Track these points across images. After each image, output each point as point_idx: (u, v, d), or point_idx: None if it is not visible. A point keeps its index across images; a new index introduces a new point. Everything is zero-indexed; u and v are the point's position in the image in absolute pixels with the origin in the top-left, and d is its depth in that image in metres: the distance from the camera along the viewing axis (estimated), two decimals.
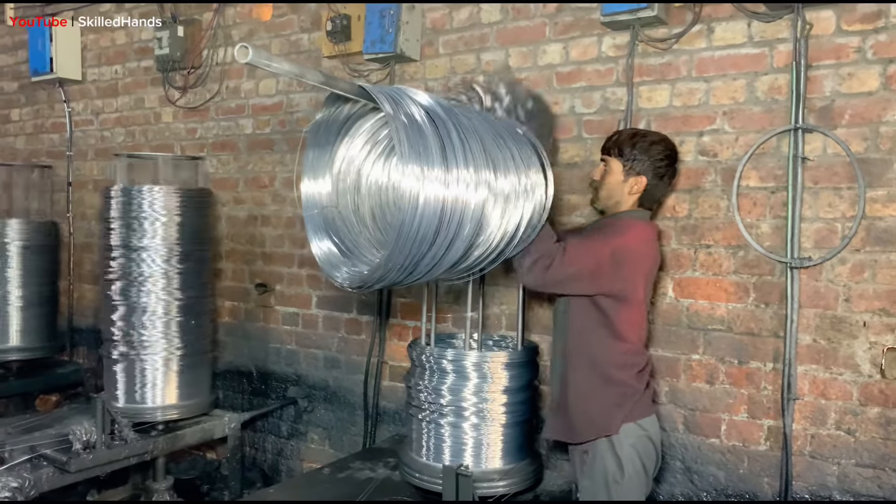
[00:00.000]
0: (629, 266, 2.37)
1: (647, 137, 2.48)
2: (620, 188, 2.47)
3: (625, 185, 2.46)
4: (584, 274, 2.32)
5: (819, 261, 2.66)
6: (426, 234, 1.86)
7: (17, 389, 4.48)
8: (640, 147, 2.45)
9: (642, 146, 2.45)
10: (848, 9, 2.61)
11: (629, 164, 2.45)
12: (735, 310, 2.84)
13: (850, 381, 2.63)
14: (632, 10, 2.88)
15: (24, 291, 4.41)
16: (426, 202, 1.82)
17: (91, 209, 5.05)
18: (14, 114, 5.60)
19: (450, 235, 1.92)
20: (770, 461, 2.77)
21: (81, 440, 3.07)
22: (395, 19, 3.46)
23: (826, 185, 2.67)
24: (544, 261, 2.28)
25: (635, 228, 2.44)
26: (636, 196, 2.48)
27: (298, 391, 4.12)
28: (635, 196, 2.48)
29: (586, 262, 2.32)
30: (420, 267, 1.95)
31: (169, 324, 3.50)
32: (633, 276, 2.38)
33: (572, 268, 2.30)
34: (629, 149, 2.45)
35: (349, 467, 3.06)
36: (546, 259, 2.29)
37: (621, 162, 2.46)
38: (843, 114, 2.64)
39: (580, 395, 2.44)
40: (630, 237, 2.40)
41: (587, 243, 2.39)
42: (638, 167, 2.45)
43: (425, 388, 2.63)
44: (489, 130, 2.14)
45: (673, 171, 2.52)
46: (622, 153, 2.46)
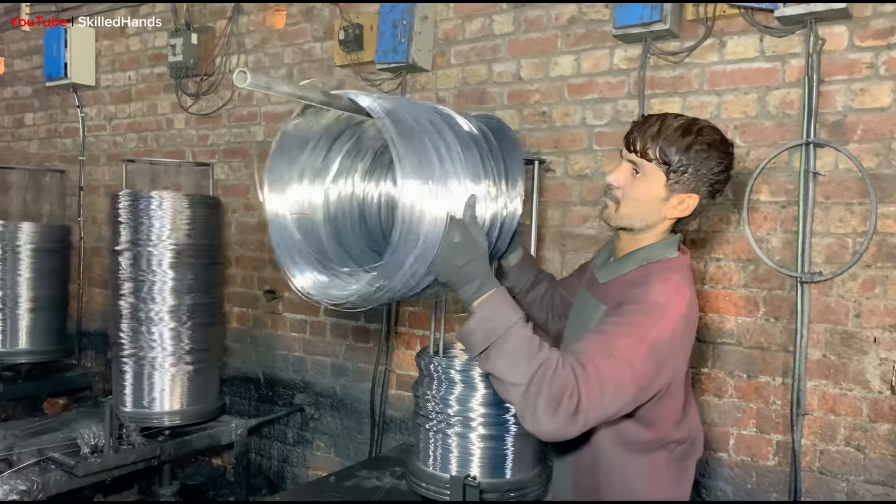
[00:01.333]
0: (672, 358, 1.64)
1: (703, 137, 1.66)
2: (657, 207, 1.70)
3: (665, 203, 1.70)
4: (628, 401, 1.55)
5: (830, 276, 2.66)
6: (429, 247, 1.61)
7: (25, 392, 4.50)
8: (697, 154, 1.65)
9: (699, 153, 1.65)
10: (861, 24, 2.62)
11: (677, 175, 1.66)
12: (745, 324, 2.83)
13: (860, 397, 2.62)
14: (644, 24, 2.89)
15: (34, 294, 4.42)
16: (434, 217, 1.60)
17: (102, 214, 5.08)
18: (28, 118, 5.65)
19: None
20: (779, 476, 2.75)
21: (89, 444, 3.08)
22: (408, 29, 3.48)
23: (837, 200, 2.67)
24: (550, 405, 1.44)
25: (675, 297, 1.63)
26: (676, 218, 1.73)
27: (305, 398, 4.12)
28: (673, 218, 1.73)
29: (621, 385, 1.52)
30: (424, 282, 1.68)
31: (177, 329, 3.50)
32: (676, 365, 1.70)
33: (606, 399, 1.49)
34: (680, 155, 1.65)
35: (355, 476, 3.06)
36: (564, 397, 1.44)
37: (664, 171, 1.67)
38: (856, 129, 2.63)
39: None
40: (670, 318, 1.60)
41: (613, 350, 1.53)
42: (691, 183, 1.67)
43: (433, 398, 2.63)
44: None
45: (728, 180, 1.74)
46: (667, 159, 1.65)
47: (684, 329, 1.65)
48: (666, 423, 1.74)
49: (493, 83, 3.45)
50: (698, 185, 1.68)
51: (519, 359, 1.48)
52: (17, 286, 4.37)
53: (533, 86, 3.32)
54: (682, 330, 1.64)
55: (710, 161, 1.66)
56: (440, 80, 3.62)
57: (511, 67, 3.39)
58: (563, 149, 3.25)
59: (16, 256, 4.37)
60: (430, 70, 3.63)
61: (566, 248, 3.24)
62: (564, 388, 1.45)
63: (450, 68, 3.59)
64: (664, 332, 1.58)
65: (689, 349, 1.75)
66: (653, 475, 1.76)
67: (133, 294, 3.48)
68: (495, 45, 3.44)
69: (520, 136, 3.34)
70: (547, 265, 3.27)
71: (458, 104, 3.54)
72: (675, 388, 1.72)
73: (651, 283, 1.64)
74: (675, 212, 1.71)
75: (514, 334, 1.50)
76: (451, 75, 3.59)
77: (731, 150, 1.72)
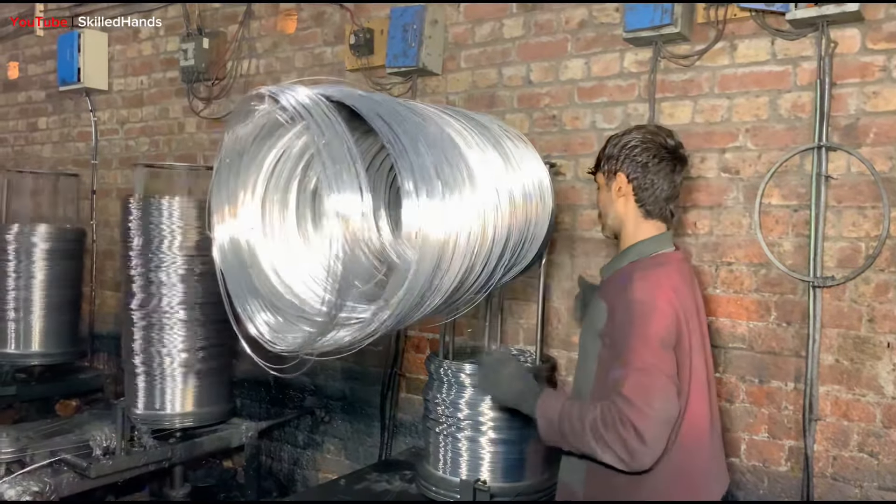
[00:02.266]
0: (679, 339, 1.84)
1: (618, 135, 2.03)
2: (609, 200, 2.01)
3: (609, 194, 2.01)
4: (674, 407, 1.76)
5: (842, 280, 2.64)
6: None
7: (38, 394, 4.53)
8: (610, 146, 2.01)
9: (612, 144, 2.00)
10: (873, 27, 2.60)
11: (606, 168, 2.01)
12: (756, 328, 2.82)
13: (874, 402, 2.60)
14: (654, 27, 2.88)
15: (47, 296, 4.46)
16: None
17: (114, 217, 5.11)
18: (42, 122, 5.70)
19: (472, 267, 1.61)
20: (791, 482, 2.74)
21: (101, 446, 3.10)
22: (418, 33, 3.49)
23: (850, 204, 2.65)
24: (616, 445, 1.70)
25: (657, 291, 1.82)
26: (629, 201, 1.97)
27: (315, 401, 4.13)
28: (627, 201, 1.97)
29: (666, 393, 1.74)
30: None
31: (188, 332, 3.52)
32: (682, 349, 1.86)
33: (659, 420, 1.71)
34: (602, 156, 2.04)
35: (365, 479, 3.06)
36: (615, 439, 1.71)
37: (601, 172, 2.04)
38: (868, 132, 2.62)
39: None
40: (661, 308, 1.80)
41: (638, 366, 1.75)
42: (613, 165, 1.98)
43: (443, 402, 2.63)
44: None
45: (661, 157, 1.94)
46: (598, 164, 2.05)
47: (672, 300, 1.83)
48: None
49: (503, 87, 3.45)
50: (620, 165, 1.95)
51: (581, 433, 1.78)
52: (30, 288, 4.41)
53: (543, 89, 3.32)
54: (671, 304, 1.82)
55: (622, 142, 1.96)
56: (450, 83, 3.62)
57: (521, 71, 3.39)
58: (573, 152, 3.24)
59: (30, 259, 4.40)
60: (441, 74, 3.64)
61: (576, 252, 3.23)
62: (616, 425, 1.71)
63: (460, 72, 3.59)
64: (661, 321, 1.79)
65: (694, 328, 1.90)
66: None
67: (145, 298, 3.50)
68: (505, 48, 3.44)
69: (530, 139, 3.33)
70: (557, 269, 3.27)
71: (467, 108, 3.54)
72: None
73: (633, 283, 1.85)
74: (619, 198, 1.98)
75: (565, 420, 1.82)
76: (461, 79, 3.59)
77: (650, 131, 1.98)
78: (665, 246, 1.98)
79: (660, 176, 1.95)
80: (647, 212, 1.97)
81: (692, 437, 1.87)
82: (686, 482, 1.89)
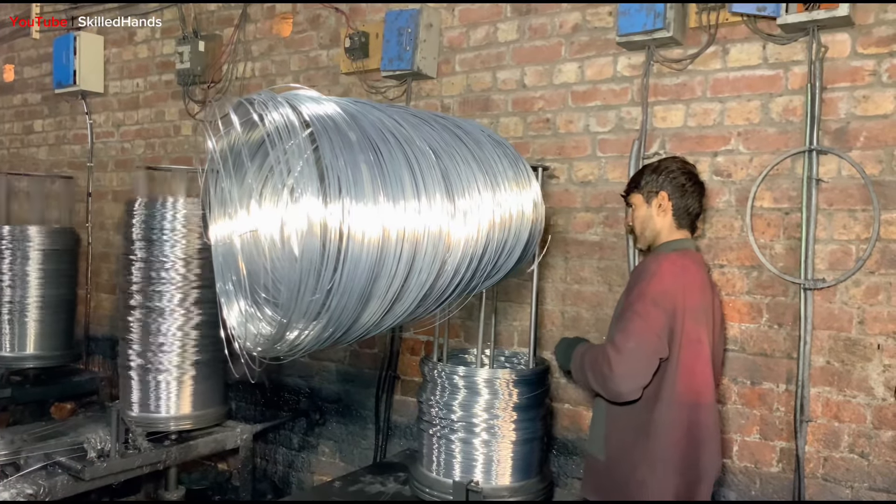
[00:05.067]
0: (679, 304, 2.25)
1: (655, 162, 2.50)
2: (649, 215, 2.44)
3: (650, 210, 2.44)
4: (650, 349, 2.21)
5: (833, 282, 2.66)
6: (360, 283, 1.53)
7: (33, 397, 4.51)
8: (651, 169, 2.46)
9: (652, 168, 2.46)
10: (863, 32, 2.62)
11: (646, 188, 2.44)
12: (748, 330, 2.84)
13: (864, 403, 2.62)
14: (647, 31, 2.90)
15: (42, 297, 4.45)
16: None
17: (110, 219, 5.12)
18: (37, 125, 5.70)
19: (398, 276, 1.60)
20: (782, 483, 2.75)
21: (96, 448, 3.10)
22: (413, 37, 3.51)
23: (841, 207, 2.67)
24: (598, 375, 2.26)
25: (665, 261, 2.33)
26: (667, 216, 2.42)
27: (310, 403, 4.14)
28: (666, 216, 2.42)
29: (642, 337, 2.21)
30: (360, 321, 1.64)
31: (184, 335, 3.53)
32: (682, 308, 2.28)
33: (632, 357, 2.20)
34: (641, 178, 2.46)
35: (360, 481, 3.07)
36: (598, 370, 2.26)
37: (640, 193, 2.46)
38: (859, 136, 2.64)
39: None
40: (663, 273, 2.28)
41: (627, 315, 2.26)
42: (655, 186, 2.42)
43: (437, 404, 2.64)
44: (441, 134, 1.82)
45: (694, 181, 2.44)
46: (638, 185, 2.46)
47: (677, 273, 2.28)
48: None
49: (497, 90, 3.47)
50: (662, 185, 2.41)
51: (582, 367, 2.37)
52: (25, 288, 4.40)
53: (537, 93, 3.34)
54: (674, 276, 2.27)
55: (663, 166, 2.43)
56: (445, 87, 3.64)
57: (515, 75, 3.41)
58: (566, 155, 3.26)
59: (25, 260, 4.40)
60: (435, 77, 3.66)
61: (570, 255, 3.25)
62: (597, 358, 2.27)
63: (454, 76, 3.61)
64: (658, 284, 2.25)
65: (690, 314, 2.25)
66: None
67: (140, 300, 3.51)
68: (500, 52, 3.46)
69: (524, 142, 3.36)
70: (551, 271, 3.29)
71: (462, 111, 3.57)
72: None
73: (648, 260, 2.41)
74: (660, 212, 2.42)
75: (577, 359, 2.42)
76: (455, 83, 3.61)
77: (684, 161, 2.49)
78: (688, 247, 2.44)
79: (693, 197, 2.43)
80: (679, 224, 2.44)
81: (692, 396, 2.25)
82: (690, 440, 2.25)
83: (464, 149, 1.82)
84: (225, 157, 1.80)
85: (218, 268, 1.89)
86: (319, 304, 1.51)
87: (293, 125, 1.51)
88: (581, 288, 3.23)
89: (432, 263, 1.64)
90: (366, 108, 1.70)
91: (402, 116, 1.76)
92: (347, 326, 1.60)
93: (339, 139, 1.52)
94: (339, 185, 1.48)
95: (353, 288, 1.52)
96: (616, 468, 2.36)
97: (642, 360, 2.20)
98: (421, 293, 1.65)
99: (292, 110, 1.54)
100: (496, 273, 1.93)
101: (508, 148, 2.03)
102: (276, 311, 1.72)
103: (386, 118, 1.70)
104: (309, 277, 1.47)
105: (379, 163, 1.57)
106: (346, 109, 1.63)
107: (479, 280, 1.86)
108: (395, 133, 1.66)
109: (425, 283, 1.64)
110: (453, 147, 1.80)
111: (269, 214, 1.81)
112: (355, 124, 1.59)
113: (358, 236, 1.50)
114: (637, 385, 2.22)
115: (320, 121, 1.53)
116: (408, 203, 1.59)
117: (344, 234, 1.48)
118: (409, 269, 1.60)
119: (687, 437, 2.25)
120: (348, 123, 1.58)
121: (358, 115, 1.64)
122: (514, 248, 1.90)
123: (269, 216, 1.81)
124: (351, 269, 1.50)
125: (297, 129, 1.51)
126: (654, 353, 2.21)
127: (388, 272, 1.57)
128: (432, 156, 1.70)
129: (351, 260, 1.49)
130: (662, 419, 2.25)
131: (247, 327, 1.76)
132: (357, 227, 1.50)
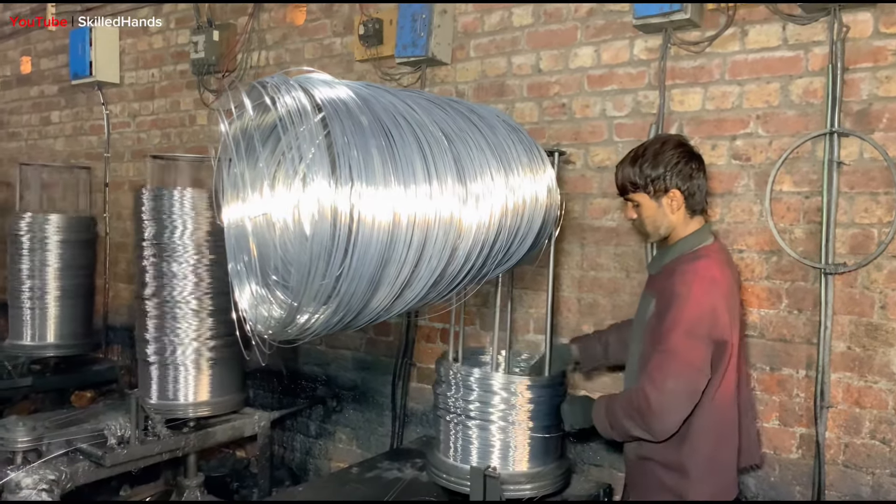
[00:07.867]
0: (720, 325, 2.13)
1: (647, 152, 2.26)
2: (661, 214, 2.27)
3: (661, 209, 2.26)
4: (691, 388, 2.10)
5: (854, 267, 2.62)
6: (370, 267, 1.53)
7: (53, 385, 4.58)
8: (649, 167, 2.23)
9: (651, 165, 2.23)
10: (886, 10, 2.57)
11: (651, 188, 2.24)
12: (767, 316, 2.81)
13: (886, 389, 2.58)
14: (664, 13, 2.86)
15: (61, 286, 4.50)
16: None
17: (127, 209, 5.15)
18: (54, 116, 5.74)
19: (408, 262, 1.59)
20: (802, 470, 2.73)
21: (116, 435, 3.13)
22: (427, 23, 3.49)
23: (862, 190, 2.63)
24: (637, 419, 2.13)
25: (695, 281, 2.14)
26: (681, 209, 2.26)
27: (327, 391, 4.16)
28: (680, 210, 2.26)
29: (682, 377, 2.09)
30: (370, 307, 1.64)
31: (201, 323, 3.55)
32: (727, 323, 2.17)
33: (673, 396, 2.08)
34: (640, 177, 2.25)
35: (377, 467, 3.08)
36: (637, 414, 2.13)
37: (644, 192, 2.26)
38: (881, 118, 2.59)
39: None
40: (696, 298, 2.11)
41: (662, 349, 2.11)
42: (662, 185, 2.23)
43: (452, 397, 2.63)
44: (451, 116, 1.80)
45: (697, 162, 2.27)
46: (637, 185, 2.26)
47: (713, 294, 2.12)
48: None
49: (512, 76, 3.44)
50: (669, 182, 2.22)
51: (617, 417, 2.24)
52: (45, 277, 4.46)
53: (552, 78, 3.31)
54: (706, 294, 2.11)
55: (662, 161, 2.22)
56: (459, 73, 3.62)
57: (530, 60, 3.38)
58: (583, 140, 3.24)
59: (44, 248, 4.45)
60: (450, 63, 3.63)
61: (586, 241, 3.23)
62: (635, 397, 2.14)
63: (469, 61, 3.59)
64: (693, 311, 2.09)
65: (734, 310, 2.19)
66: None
67: (157, 288, 3.53)
68: (514, 37, 3.43)
69: (539, 128, 3.34)
70: (567, 258, 3.27)
71: (477, 97, 3.54)
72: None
73: (675, 277, 2.17)
74: (674, 209, 2.25)
75: (606, 415, 2.28)
76: (470, 68, 3.58)
77: (676, 141, 2.27)
78: (705, 239, 2.29)
79: (699, 177, 2.27)
80: (693, 211, 2.28)
81: (721, 418, 2.20)
82: (719, 439, 2.21)
83: (477, 133, 1.81)
84: (237, 140, 1.80)
85: (230, 249, 1.91)
86: (330, 287, 1.51)
87: (305, 109, 1.51)
88: (598, 274, 3.20)
89: (443, 249, 1.64)
90: (378, 92, 1.70)
91: (415, 101, 1.75)
92: (357, 311, 1.61)
93: (351, 123, 1.52)
94: (350, 169, 1.48)
95: (364, 273, 1.52)
96: (648, 470, 2.30)
97: (683, 397, 2.10)
98: (431, 279, 1.65)
99: (304, 94, 1.54)
100: (509, 259, 1.92)
101: (523, 133, 2.02)
102: (286, 294, 1.72)
103: (398, 102, 1.70)
104: (319, 261, 1.46)
105: (390, 147, 1.56)
106: (359, 93, 1.62)
107: (492, 266, 1.86)
108: (407, 117, 1.66)
109: (436, 269, 1.64)
110: (466, 132, 1.79)
111: (281, 198, 1.81)
112: (367, 108, 1.59)
113: (368, 220, 1.50)
114: (681, 419, 2.12)
115: (332, 104, 1.53)
116: (419, 188, 1.59)
117: (354, 219, 1.48)
118: (419, 255, 1.61)
119: (717, 437, 2.22)
120: (360, 107, 1.57)
121: (370, 98, 1.63)
122: (527, 234, 1.90)
123: (281, 200, 1.81)
124: (361, 253, 1.50)
125: (310, 113, 1.51)
126: (696, 389, 2.10)
127: (399, 257, 1.57)
128: (444, 140, 1.70)
129: (361, 244, 1.50)
130: (700, 424, 2.17)
131: (258, 310, 1.76)
132: (367, 212, 1.50)
